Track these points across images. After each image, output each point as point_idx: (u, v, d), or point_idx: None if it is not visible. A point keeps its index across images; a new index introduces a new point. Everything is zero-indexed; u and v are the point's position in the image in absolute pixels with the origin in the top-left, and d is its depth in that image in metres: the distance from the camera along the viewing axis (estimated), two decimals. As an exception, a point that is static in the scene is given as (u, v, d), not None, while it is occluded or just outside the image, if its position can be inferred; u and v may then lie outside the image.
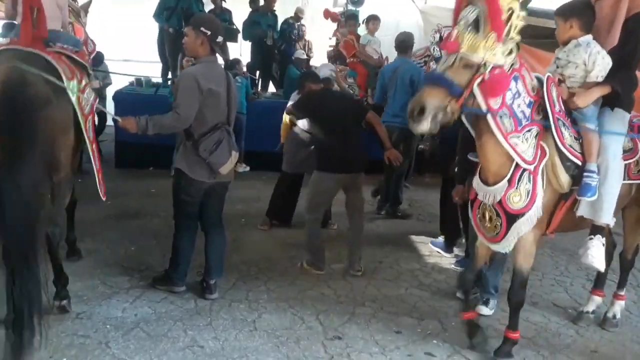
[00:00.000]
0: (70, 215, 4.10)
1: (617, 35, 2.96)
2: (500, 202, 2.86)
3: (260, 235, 4.97)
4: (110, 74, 7.68)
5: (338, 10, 10.45)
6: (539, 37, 5.77)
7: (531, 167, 2.81)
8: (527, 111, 2.78)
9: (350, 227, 4.41)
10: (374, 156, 4.61)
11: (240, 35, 8.98)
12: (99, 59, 6.78)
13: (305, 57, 8.54)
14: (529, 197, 2.83)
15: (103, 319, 3.29)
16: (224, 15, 8.97)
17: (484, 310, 3.66)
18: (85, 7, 4.93)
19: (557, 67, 3.07)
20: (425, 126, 2.61)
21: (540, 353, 3.30)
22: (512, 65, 2.67)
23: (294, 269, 4.26)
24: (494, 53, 2.54)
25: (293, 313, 3.54)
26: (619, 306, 3.67)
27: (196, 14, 6.51)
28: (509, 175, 2.81)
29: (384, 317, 3.60)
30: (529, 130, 2.79)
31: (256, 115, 7.14)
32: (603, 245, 3.08)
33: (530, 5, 7.48)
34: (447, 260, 4.64)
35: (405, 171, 5.78)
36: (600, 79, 2.92)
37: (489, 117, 2.68)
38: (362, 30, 7.55)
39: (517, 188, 2.82)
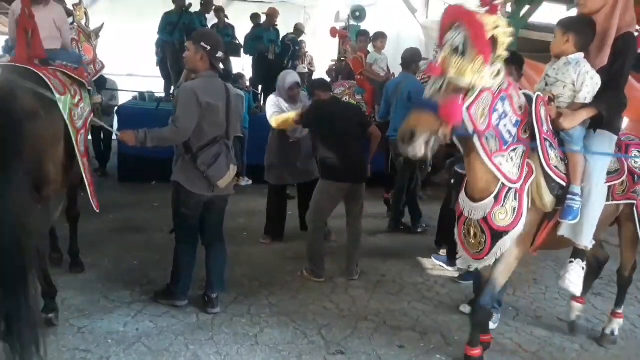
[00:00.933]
0: (73, 228, 4.15)
1: (607, 55, 2.95)
2: (485, 219, 2.84)
3: (262, 249, 4.96)
4: (117, 94, 7.76)
5: (340, 25, 10.55)
6: (541, 51, 5.80)
7: (516, 186, 2.79)
8: (514, 130, 2.75)
9: (348, 233, 4.51)
10: (378, 169, 4.67)
11: (242, 50, 9.07)
12: (101, 81, 6.81)
13: (307, 71, 8.61)
14: (515, 214, 2.80)
15: (105, 333, 3.28)
16: (227, 30, 9.09)
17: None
18: (97, 31, 5.12)
19: (546, 84, 3.05)
20: (418, 150, 2.59)
21: (545, 368, 3.28)
22: (500, 86, 2.64)
23: (295, 283, 4.24)
24: (482, 76, 2.50)
25: (295, 327, 3.52)
26: (617, 324, 3.60)
27: (198, 29, 6.58)
28: (495, 192, 2.79)
29: (386, 331, 3.58)
30: (514, 150, 2.78)
31: (259, 128, 7.17)
32: (583, 269, 3.07)
33: (532, 20, 7.56)
34: (450, 274, 4.62)
35: (405, 185, 5.76)
36: (588, 100, 2.90)
37: (475, 138, 2.67)
38: (370, 47, 7.60)
39: (503, 205, 2.79)
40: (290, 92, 4.88)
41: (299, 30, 9.58)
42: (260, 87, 9.18)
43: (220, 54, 3.41)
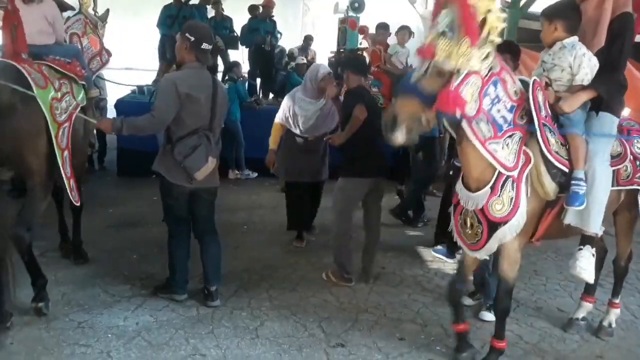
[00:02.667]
0: (76, 220, 4.19)
1: (603, 37, 2.89)
2: (482, 209, 2.79)
3: (262, 243, 4.95)
4: (105, 87, 7.67)
5: (339, 16, 10.49)
6: (541, 41, 5.74)
7: (513, 174, 2.73)
8: (509, 116, 2.71)
9: (367, 235, 4.27)
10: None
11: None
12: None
13: (304, 62, 8.58)
14: (512, 205, 2.74)
15: (104, 327, 3.28)
16: (224, 22, 9.06)
17: (488, 316, 3.63)
18: (103, 18, 5.05)
19: (544, 70, 2.99)
20: (399, 137, 2.57)
21: (545, 359, 3.28)
22: (490, 69, 2.60)
23: (295, 276, 4.24)
24: (468, 59, 2.47)
25: (295, 320, 3.52)
26: (614, 315, 3.57)
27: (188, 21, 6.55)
28: (491, 182, 2.74)
29: (386, 323, 3.58)
30: (510, 136, 2.72)
31: (260, 121, 7.15)
32: (593, 255, 2.98)
33: (532, 9, 7.50)
34: (450, 266, 4.60)
35: (427, 179, 5.77)
36: (586, 82, 2.84)
37: (463, 123, 2.62)
38: (391, 39, 7.56)
39: (499, 196, 2.74)
40: (322, 82, 4.50)
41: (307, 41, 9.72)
42: (258, 80, 9.15)
43: (205, 45, 3.39)
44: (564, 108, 2.82)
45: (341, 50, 9.61)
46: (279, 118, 4.76)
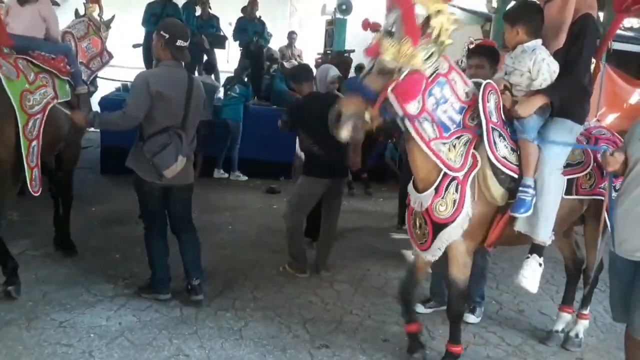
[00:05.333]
0: (66, 212, 4.29)
1: (563, 39, 2.83)
2: (427, 210, 2.79)
3: (247, 243, 4.94)
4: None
5: (326, 17, 10.51)
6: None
7: (459, 175, 2.71)
8: (457, 117, 2.70)
9: (323, 228, 4.46)
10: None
11: (228, 42, 8.98)
12: None
13: (296, 64, 8.58)
14: (455, 207, 2.73)
15: (87, 327, 3.24)
16: (211, 21, 9.01)
17: (471, 318, 3.66)
18: (107, 23, 5.28)
19: (505, 73, 2.92)
20: (344, 133, 2.58)
21: (527, 361, 3.32)
22: (436, 70, 2.61)
23: (281, 277, 4.23)
24: (410, 57, 2.48)
25: (280, 321, 3.52)
26: (582, 326, 3.46)
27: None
28: (436, 184, 2.74)
29: (371, 325, 3.59)
30: (458, 137, 2.71)
31: (250, 123, 7.15)
32: (540, 265, 2.91)
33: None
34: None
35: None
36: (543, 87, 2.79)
37: (406, 122, 2.63)
38: None
39: (443, 197, 2.73)
40: (332, 85, 4.61)
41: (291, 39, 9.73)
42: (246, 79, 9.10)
43: (180, 43, 3.42)
44: (520, 112, 2.77)
45: (328, 51, 9.64)
46: None
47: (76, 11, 5.07)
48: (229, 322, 3.46)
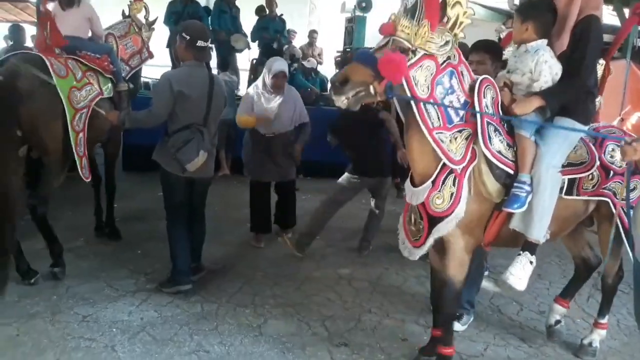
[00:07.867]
0: (110, 200, 4.68)
1: (566, 40, 2.78)
2: (423, 204, 2.73)
3: (266, 240, 4.95)
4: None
5: (346, 15, 10.48)
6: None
7: (457, 168, 2.66)
8: (461, 111, 2.66)
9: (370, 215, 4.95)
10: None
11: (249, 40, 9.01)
12: None
13: (315, 64, 8.64)
14: (452, 200, 2.67)
15: (109, 322, 3.29)
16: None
17: (456, 325, 3.44)
18: (150, 24, 5.59)
19: (507, 71, 2.89)
20: (343, 100, 2.56)
21: (548, 362, 3.28)
22: (447, 58, 2.58)
23: (300, 274, 4.25)
24: (427, 41, 2.48)
25: (299, 319, 3.53)
26: (597, 335, 3.35)
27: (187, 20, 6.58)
28: (433, 177, 2.69)
29: (389, 324, 3.58)
30: (459, 131, 2.67)
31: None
32: (531, 264, 2.82)
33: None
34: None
35: None
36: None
37: (413, 104, 2.58)
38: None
39: (440, 190, 2.68)
40: (275, 79, 4.54)
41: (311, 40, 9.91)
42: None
43: (200, 43, 3.56)
44: (516, 110, 2.72)
45: (347, 49, 9.61)
46: (245, 112, 4.66)
47: (123, 12, 5.37)
48: (249, 318, 3.49)
